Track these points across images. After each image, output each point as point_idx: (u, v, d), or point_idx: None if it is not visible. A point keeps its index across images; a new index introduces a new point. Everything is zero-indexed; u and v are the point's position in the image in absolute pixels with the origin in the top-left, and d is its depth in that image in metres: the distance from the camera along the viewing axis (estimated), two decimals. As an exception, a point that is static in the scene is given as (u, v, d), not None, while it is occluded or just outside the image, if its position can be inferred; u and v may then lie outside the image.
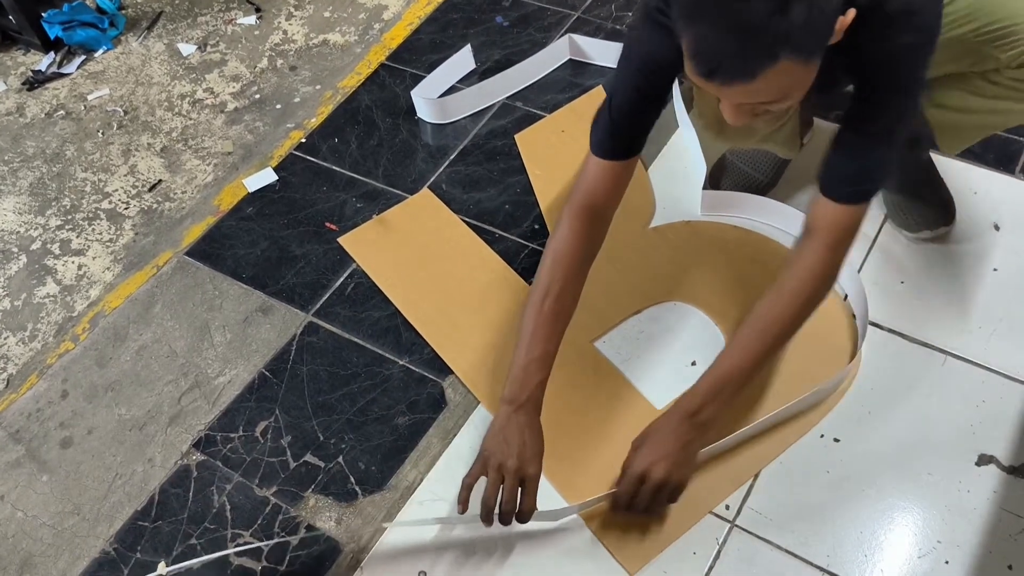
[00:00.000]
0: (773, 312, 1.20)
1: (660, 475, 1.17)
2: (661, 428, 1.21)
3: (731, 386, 1.20)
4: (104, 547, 1.34)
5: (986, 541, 1.23)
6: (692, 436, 1.19)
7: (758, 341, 1.20)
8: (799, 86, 0.99)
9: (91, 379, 1.55)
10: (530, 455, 1.21)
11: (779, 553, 1.25)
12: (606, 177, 1.26)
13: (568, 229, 1.27)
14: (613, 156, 1.25)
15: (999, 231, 1.57)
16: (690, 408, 1.19)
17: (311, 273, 1.65)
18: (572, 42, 1.96)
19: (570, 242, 1.27)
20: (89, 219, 1.83)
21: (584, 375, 1.45)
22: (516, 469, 1.19)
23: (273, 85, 2.07)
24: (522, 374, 1.24)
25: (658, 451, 1.18)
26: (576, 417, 1.40)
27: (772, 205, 1.59)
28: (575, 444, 1.36)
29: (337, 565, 1.29)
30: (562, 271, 1.27)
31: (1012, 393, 1.37)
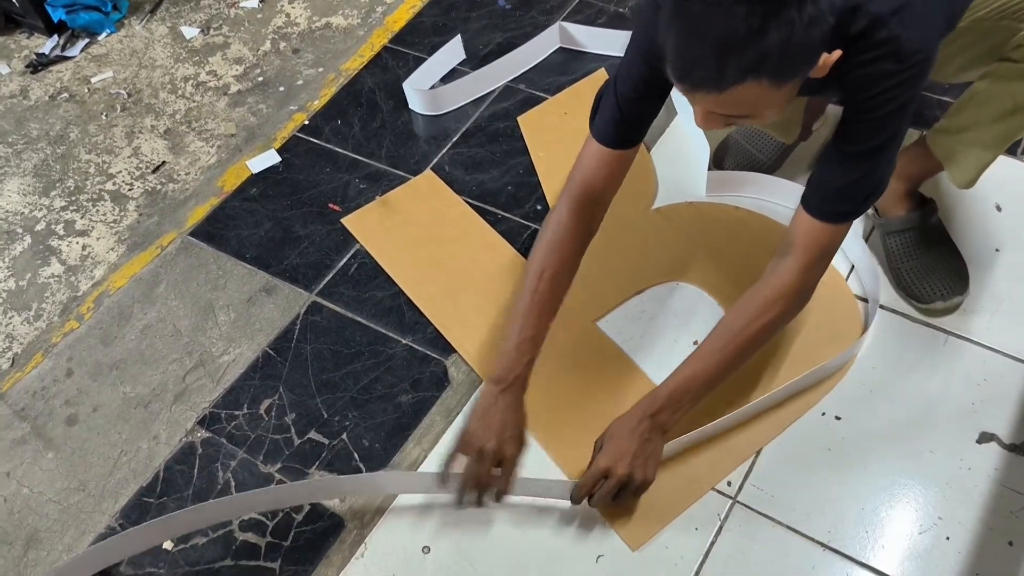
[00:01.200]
0: (740, 324, 1.20)
1: (621, 472, 1.19)
2: (622, 427, 1.22)
3: (692, 392, 1.21)
4: (110, 523, 1.35)
5: (987, 518, 1.24)
6: (651, 436, 1.21)
7: (722, 351, 1.21)
8: (769, 106, 1.00)
9: (96, 358, 1.55)
10: (509, 436, 1.21)
11: (780, 529, 1.25)
12: (606, 165, 1.26)
13: (565, 214, 1.27)
14: (615, 144, 1.25)
15: (1001, 212, 1.57)
16: (651, 409, 1.20)
17: (314, 253, 1.66)
18: (562, 30, 1.96)
19: (566, 227, 1.27)
20: (93, 200, 1.84)
21: (587, 354, 1.45)
22: (495, 451, 1.20)
23: (276, 68, 2.07)
24: (513, 354, 1.24)
25: (620, 449, 1.20)
26: (579, 396, 1.40)
27: (778, 183, 1.60)
28: (578, 423, 1.37)
29: (341, 541, 1.30)
30: (557, 255, 1.27)
31: (1013, 372, 1.37)
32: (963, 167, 1.37)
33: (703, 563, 1.23)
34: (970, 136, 1.33)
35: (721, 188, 1.64)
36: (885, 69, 1.03)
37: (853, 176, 1.13)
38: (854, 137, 1.11)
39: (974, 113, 1.31)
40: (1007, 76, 1.24)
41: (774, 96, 0.96)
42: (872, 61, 1.03)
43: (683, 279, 1.54)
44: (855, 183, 1.14)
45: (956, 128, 1.34)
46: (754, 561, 1.23)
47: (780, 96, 0.98)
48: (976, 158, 1.35)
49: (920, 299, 1.44)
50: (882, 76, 1.04)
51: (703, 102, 1.00)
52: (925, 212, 1.48)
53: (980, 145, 1.33)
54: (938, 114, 1.39)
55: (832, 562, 1.22)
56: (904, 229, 1.48)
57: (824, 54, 0.97)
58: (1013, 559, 1.20)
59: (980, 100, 1.29)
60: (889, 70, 1.03)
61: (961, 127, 1.33)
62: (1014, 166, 1.62)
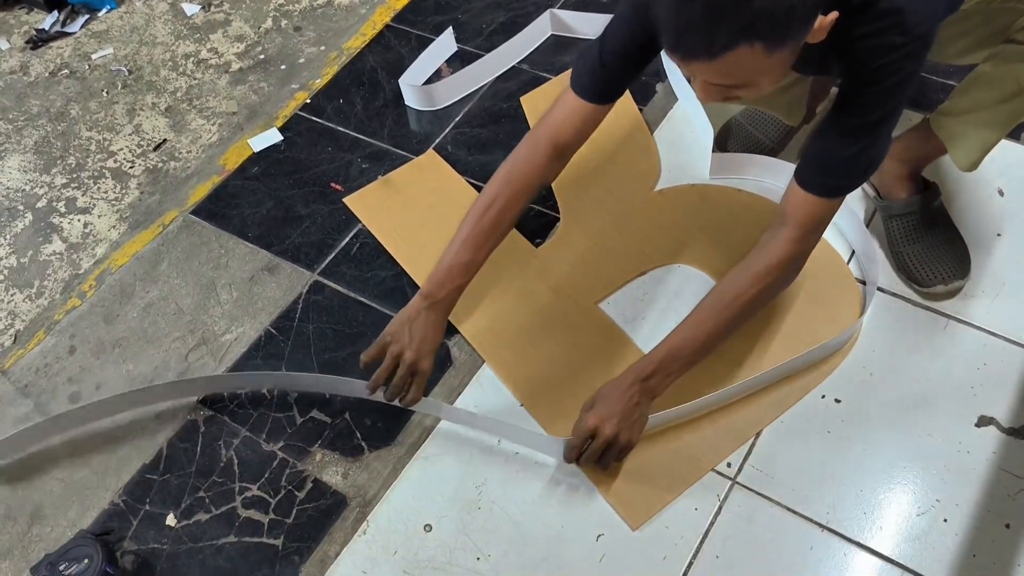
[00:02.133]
0: (733, 292, 1.22)
1: (608, 432, 1.21)
2: (613, 389, 1.24)
3: (684, 358, 1.24)
4: (113, 499, 1.36)
5: (984, 500, 1.25)
6: (640, 399, 1.23)
7: (714, 318, 1.23)
8: (765, 74, 0.99)
9: (98, 335, 1.56)
10: (427, 351, 1.30)
11: (779, 510, 1.26)
12: (579, 116, 1.27)
13: (528, 153, 1.30)
14: (591, 98, 1.26)
15: (1003, 197, 1.57)
16: (642, 373, 1.23)
17: (316, 232, 1.66)
18: (554, 17, 1.94)
19: (527, 166, 1.29)
20: (94, 178, 1.83)
21: (589, 335, 1.46)
22: (411, 362, 1.29)
23: (277, 46, 2.06)
24: (445, 274, 1.30)
25: (608, 410, 1.22)
26: (580, 376, 1.41)
27: (781, 165, 1.60)
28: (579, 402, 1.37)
29: (343, 519, 1.31)
30: (511, 190, 1.29)
31: (1013, 356, 1.38)
32: (966, 149, 1.36)
33: (702, 543, 1.24)
34: (974, 118, 1.33)
35: (724, 170, 1.64)
36: (890, 41, 1.03)
37: (851, 150, 1.13)
38: (855, 110, 1.11)
39: (978, 95, 1.30)
40: (1012, 58, 1.23)
41: (768, 63, 0.95)
42: (877, 33, 1.03)
43: (686, 261, 1.54)
44: (852, 157, 1.14)
45: (960, 110, 1.34)
46: (753, 541, 1.24)
47: (775, 64, 0.97)
48: (980, 140, 1.35)
49: (921, 283, 1.45)
50: (887, 48, 1.03)
51: (698, 71, 1.00)
52: (927, 196, 1.48)
53: (984, 127, 1.33)
54: (942, 97, 1.39)
55: (830, 543, 1.23)
56: (906, 212, 1.48)
57: (820, 17, 0.95)
58: (1010, 541, 1.21)
59: (984, 82, 1.28)
60: (894, 42, 1.03)
61: (965, 109, 1.33)
62: (1017, 151, 1.62)
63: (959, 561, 1.20)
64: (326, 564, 1.26)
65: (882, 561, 1.21)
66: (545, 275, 1.54)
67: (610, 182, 1.66)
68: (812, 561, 1.21)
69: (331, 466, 1.36)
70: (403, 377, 1.29)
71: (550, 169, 1.32)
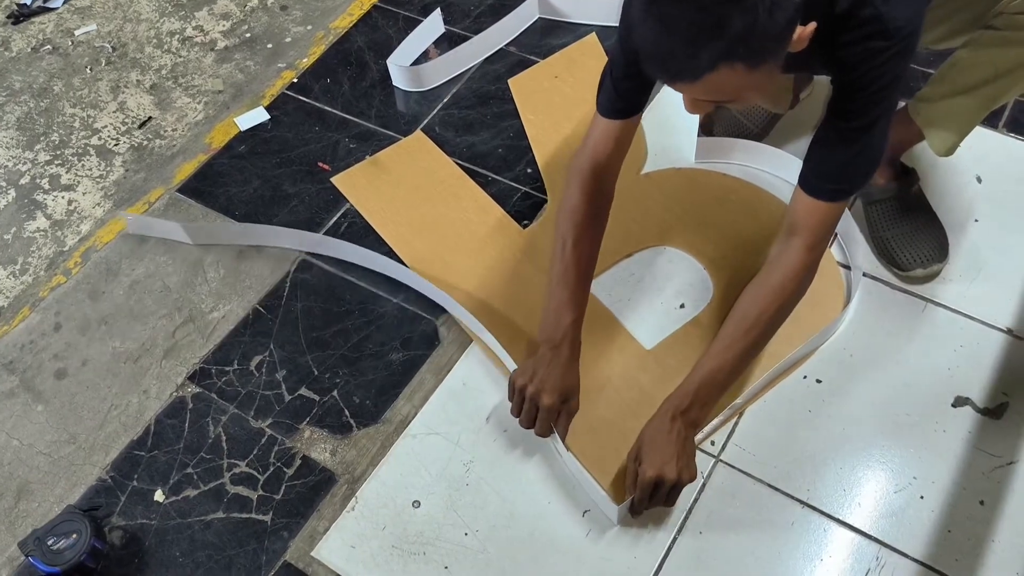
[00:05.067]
0: (756, 310, 1.23)
1: (672, 476, 1.19)
2: (657, 433, 1.22)
3: (719, 384, 1.24)
4: (101, 475, 1.36)
5: (960, 478, 1.28)
6: (687, 433, 1.23)
7: (742, 339, 1.23)
8: (749, 88, 1.01)
9: (84, 312, 1.55)
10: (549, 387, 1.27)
11: (761, 487, 1.29)
12: (610, 135, 1.31)
13: (576, 188, 1.34)
14: (616, 116, 1.30)
15: (981, 183, 1.60)
16: (681, 407, 1.22)
17: (304, 211, 1.66)
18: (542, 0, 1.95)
19: (579, 199, 1.33)
20: (79, 155, 1.82)
21: (575, 316, 1.48)
22: (533, 395, 1.27)
23: (264, 24, 2.05)
24: (552, 317, 1.32)
25: (663, 455, 1.20)
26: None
27: (766, 151, 1.62)
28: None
29: (332, 495, 1.32)
30: (574, 223, 1.33)
31: (988, 339, 1.42)
32: (943, 134, 1.39)
33: (687, 519, 1.27)
34: (951, 103, 1.35)
35: (710, 155, 1.66)
36: (874, 46, 1.04)
37: (849, 154, 1.15)
38: (849, 115, 1.12)
39: (955, 80, 1.33)
40: (988, 44, 1.26)
41: (752, 78, 0.97)
42: (860, 40, 1.04)
43: (671, 244, 1.56)
44: (852, 160, 1.15)
45: (937, 96, 1.36)
46: (736, 517, 1.27)
47: (759, 78, 0.98)
48: (957, 124, 1.37)
49: (900, 266, 1.48)
50: (871, 53, 1.05)
51: (684, 91, 1.02)
52: (907, 182, 1.51)
53: (961, 112, 1.36)
54: (921, 84, 1.42)
55: (810, 519, 1.26)
56: (886, 198, 1.51)
57: (799, 27, 0.97)
58: (984, 518, 1.24)
59: (961, 67, 1.31)
60: (878, 47, 1.04)
61: (942, 95, 1.35)
62: (995, 139, 1.65)
63: (935, 537, 1.23)
64: (315, 539, 1.27)
65: (860, 536, 1.24)
66: (533, 256, 1.55)
67: (597, 165, 1.68)
68: (793, 536, 1.24)
69: (319, 443, 1.37)
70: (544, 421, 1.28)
71: (602, 191, 1.35)
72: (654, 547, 1.24)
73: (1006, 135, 1.67)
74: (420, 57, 1.91)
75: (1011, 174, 1.61)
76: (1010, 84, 1.28)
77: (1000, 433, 1.32)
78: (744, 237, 1.54)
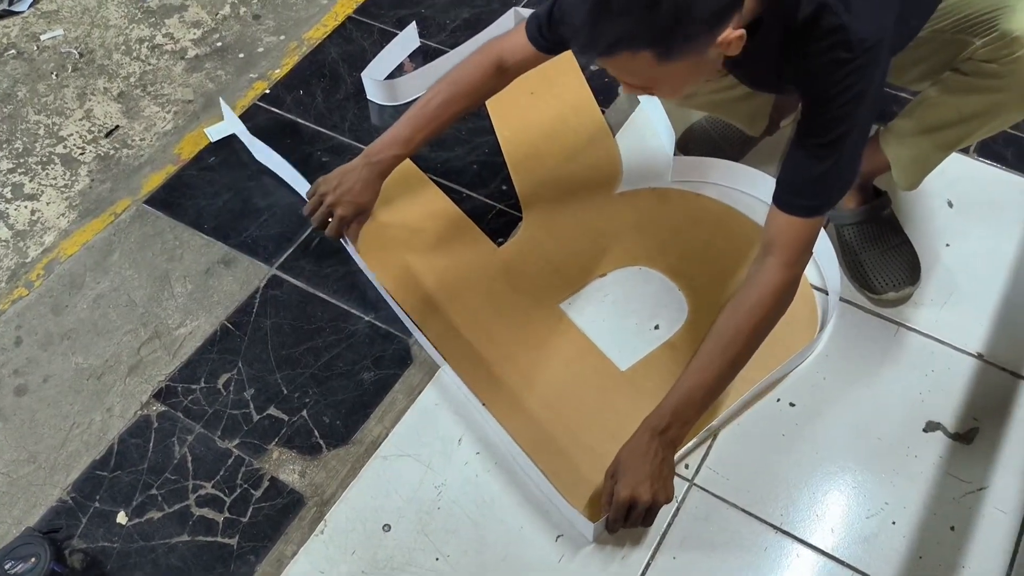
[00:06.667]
0: (733, 328, 1.21)
1: (647, 497, 1.18)
2: (633, 452, 1.21)
3: (697, 403, 1.22)
4: (61, 496, 1.32)
5: (931, 503, 1.29)
6: (664, 454, 1.21)
7: (720, 357, 1.21)
8: (663, 81, 1.02)
9: (46, 326, 1.51)
10: (348, 200, 1.47)
11: (735, 511, 1.29)
12: (524, 51, 1.38)
13: (476, 63, 1.42)
14: (535, 45, 1.36)
15: (952, 208, 1.62)
16: (659, 426, 1.21)
17: (275, 226, 1.63)
18: (518, 15, 1.93)
19: (473, 74, 1.42)
20: (43, 163, 1.78)
21: (549, 335, 1.46)
22: (330, 204, 1.48)
23: (236, 33, 2.02)
24: (386, 142, 1.46)
25: (638, 475, 1.19)
26: (538, 375, 1.41)
27: (741, 170, 1.62)
28: (537, 401, 1.38)
29: (300, 518, 1.29)
30: (455, 89, 1.43)
31: (959, 364, 1.43)
32: (907, 170, 1.41)
33: (660, 543, 1.26)
34: (916, 141, 1.37)
35: (686, 174, 1.66)
36: (837, 57, 1.04)
37: (819, 169, 1.14)
38: (815, 129, 1.13)
39: (922, 118, 1.34)
40: (955, 88, 1.27)
41: (663, 71, 0.97)
42: (824, 51, 1.04)
43: (645, 263, 1.55)
44: (822, 175, 1.15)
45: (905, 131, 1.38)
46: (709, 542, 1.26)
47: (672, 72, 0.99)
48: (921, 162, 1.40)
49: (873, 289, 1.49)
50: (835, 64, 1.05)
51: (601, 65, 1.04)
52: (878, 205, 1.52)
53: (925, 151, 1.38)
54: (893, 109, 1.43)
55: (783, 544, 1.26)
56: (858, 221, 1.52)
57: (728, 31, 0.97)
58: (955, 544, 1.25)
59: (929, 106, 1.32)
60: (841, 58, 1.04)
61: (908, 131, 1.37)
62: (966, 164, 1.67)
63: (906, 563, 1.24)
64: (283, 564, 1.25)
65: (833, 562, 1.24)
66: (507, 274, 1.54)
67: (572, 183, 1.67)
68: (766, 562, 1.24)
69: (288, 464, 1.34)
70: (322, 214, 1.49)
71: (492, 83, 1.44)
72: (627, 572, 1.23)
73: (976, 160, 1.69)
74: (395, 70, 1.89)
75: (981, 199, 1.63)
76: (974, 128, 1.30)
77: (970, 458, 1.33)
78: (719, 258, 1.54)
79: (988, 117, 1.28)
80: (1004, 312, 1.48)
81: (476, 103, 1.47)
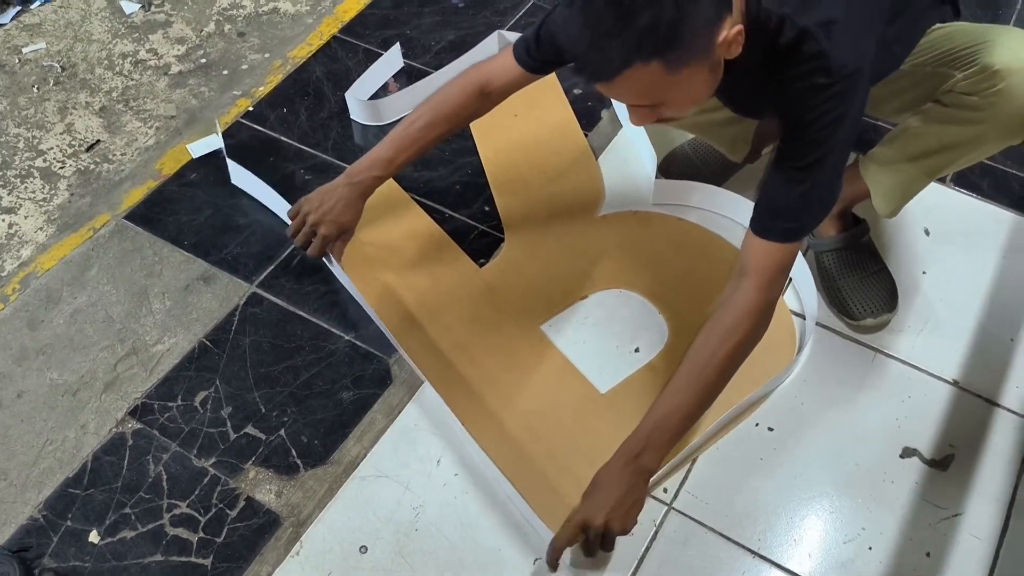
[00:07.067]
0: (707, 354, 1.20)
1: (599, 523, 1.17)
2: (605, 477, 1.20)
3: (671, 430, 1.21)
4: (32, 514, 1.30)
5: (907, 529, 1.30)
6: (635, 480, 1.19)
7: (695, 382, 1.20)
8: (674, 92, 1.02)
9: (21, 341, 1.49)
10: (329, 219, 1.46)
11: (713, 536, 1.29)
12: (510, 75, 1.39)
13: (460, 87, 1.42)
14: (523, 66, 1.37)
15: (929, 236, 1.64)
16: (632, 452, 1.19)
17: (256, 243, 1.62)
18: (501, 38, 1.95)
19: (456, 97, 1.42)
20: (21, 176, 1.76)
21: (530, 357, 1.46)
22: (314, 223, 1.46)
23: (220, 50, 2.02)
24: (368, 163, 1.46)
25: (602, 500, 1.18)
26: (517, 396, 1.41)
27: (724, 194, 1.63)
28: (516, 422, 1.38)
29: (276, 539, 1.28)
30: (437, 112, 1.43)
31: (936, 390, 1.44)
32: (887, 198, 1.43)
33: (638, 567, 1.25)
34: (897, 169, 1.39)
35: (668, 197, 1.67)
36: (815, 82, 1.05)
37: (795, 193, 1.15)
38: (792, 153, 1.14)
39: (903, 147, 1.36)
40: (936, 118, 1.29)
41: (673, 81, 0.98)
42: (803, 76, 1.06)
43: (626, 286, 1.56)
44: (798, 200, 1.16)
45: (885, 159, 1.40)
46: (687, 566, 1.26)
47: (683, 82, 0.99)
48: (901, 190, 1.41)
49: (851, 315, 1.50)
50: (812, 90, 1.06)
51: (608, 93, 1.04)
52: (856, 232, 1.53)
53: (905, 179, 1.39)
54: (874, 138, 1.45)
55: (761, 569, 1.26)
56: (836, 248, 1.53)
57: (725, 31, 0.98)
58: (930, 570, 1.25)
59: (910, 135, 1.34)
60: (819, 83, 1.05)
61: (890, 159, 1.39)
62: (943, 193, 1.69)
63: (883, 588, 1.24)
64: (257, 585, 1.23)
65: (810, 588, 1.24)
66: (489, 295, 1.54)
67: (555, 205, 1.68)
68: (744, 587, 1.24)
69: (265, 484, 1.33)
70: (305, 234, 1.47)
71: (474, 107, 1.44)
72: (605, 596, 1.23)
73: (953, 189, 1.71)
74: (379, 90, 1.89)
75: (957, 228, 1.65)
76: (954, 157, 1.32)
77: (946, 484, 1.34)
78: (700, 282, 1.55)
79: (968, 148, 1.30)
80: (979, 339, 1.50)
81: (458, 126, 1.47)
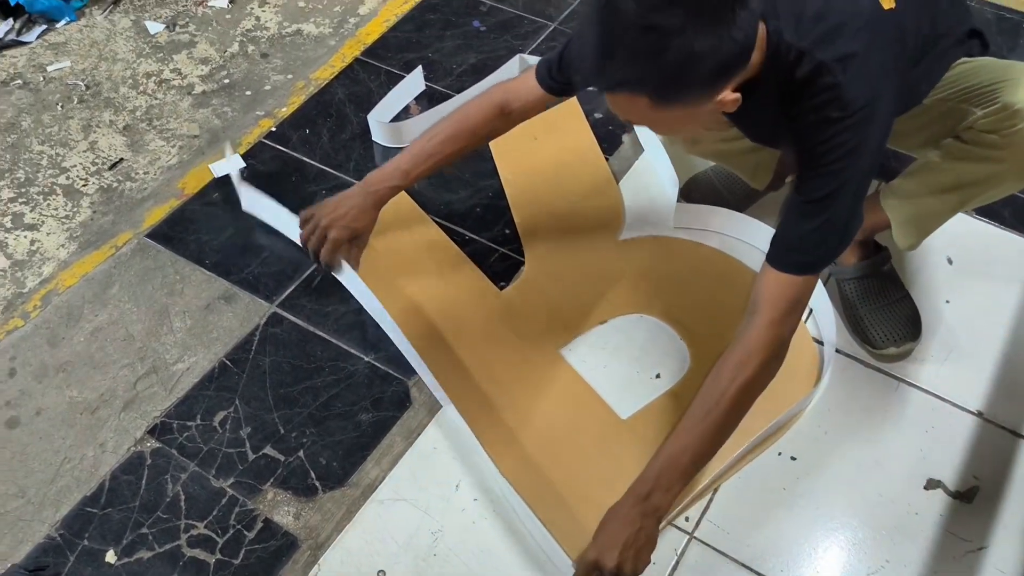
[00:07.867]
0: (718, 391, 1.16)
1: (610, 566, 1.14)
2: (615, 516, 1.18)
3: (682, 469, 1.18)
4: (49, 532, 1.29)
5: (931, 562, 1.28)
6: (643, 523, 1.16)
7: (704, 421, 1.17)
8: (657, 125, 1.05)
9: (41, 358, 1.50)
10: (341, 224, 1.46)
11: (735, 566, 1.27)
12: (531, 96, 1.41)
13: (479, 106, 1.44)
14: (545, 88, 1.39)
15: (952, 265, 1.63)
16: (641, 492, 1.17)
17: (277, 263, 1.63)
18: (523, 61, 1.96)
19: (476, 114, 1.44)
20: (44, 194, 1.77)
21: (549, 381, 1.46)
22: (325, 226, 1.46)
23: (243, 71, 2.03)
24: (387, 172, 1.46)
25: (611, 539, 1.16)
26: (537, 420, 1.40)
27: (744, 220, 1.63)
28: (536, 448, 1.37)
29: (294, 561, 1.27)
30: (457, 128, 1.44)
31: (960, 421, 1.42)
32: (906, 230, 1.42)
33: (659, 597, 1.24)
34: (917, 203, 1.38)
35: (688, 221, 1.67)
36: (828, 115, 1.05)
37: (810, 226, 1.13)
38: (807, 186, 1.12)
39: (922, 183, 1.36)
40: (956, 155, 1.28)
41: (658, 116, 1.00)
42: (817, 108, 1.06)
43: (647, 312, 1.55)
44: (813, 233, 1.14)
45: (906, 193, 1.39)
46: (708, 597, 1.24)
47: (668, 118, 1.01)
48: (921, 224, 1.41)
49: (873, 344, 1.49)
50: (826, 122, 1.06)
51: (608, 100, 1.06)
52: (878, 260, 1.52)
53: (925, 213, 1.39)
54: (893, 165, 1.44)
55: (783, 600, 1.24)
56: (859, 276, 1.52)
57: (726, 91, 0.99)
58: (956, 604, 1.24)
59: (930, 170, 1.33)
60: (833, 116, 1.05)
61: (910, 193, 1.38)
62: (966, 222, 1.68)
63: (908, 623, 1.22)
64: (274, 608, 1.22)
65: (834, 621, 1.22)
66: (509, 318, 1.53)
67: (575, 229, 1.68)
68: (766, 619, 1.22)
69: (283, 506, 1.32)
70: (317, 237, 1.47)
71: (494, 125, 1.45)
72: (625, 626, 1.21)
73: (975, 218, 1.70)
74: (401, 113, 1.90)
75: (980, 257, 1.64)
76: (973, 194, 1.32)
77: (971, 517, 1.32)
78: (721, 308, 1.54)
79: (986, 186, 1.29)
80: (1004, 370, 1.48)
81: (477, 143, 1.47)
